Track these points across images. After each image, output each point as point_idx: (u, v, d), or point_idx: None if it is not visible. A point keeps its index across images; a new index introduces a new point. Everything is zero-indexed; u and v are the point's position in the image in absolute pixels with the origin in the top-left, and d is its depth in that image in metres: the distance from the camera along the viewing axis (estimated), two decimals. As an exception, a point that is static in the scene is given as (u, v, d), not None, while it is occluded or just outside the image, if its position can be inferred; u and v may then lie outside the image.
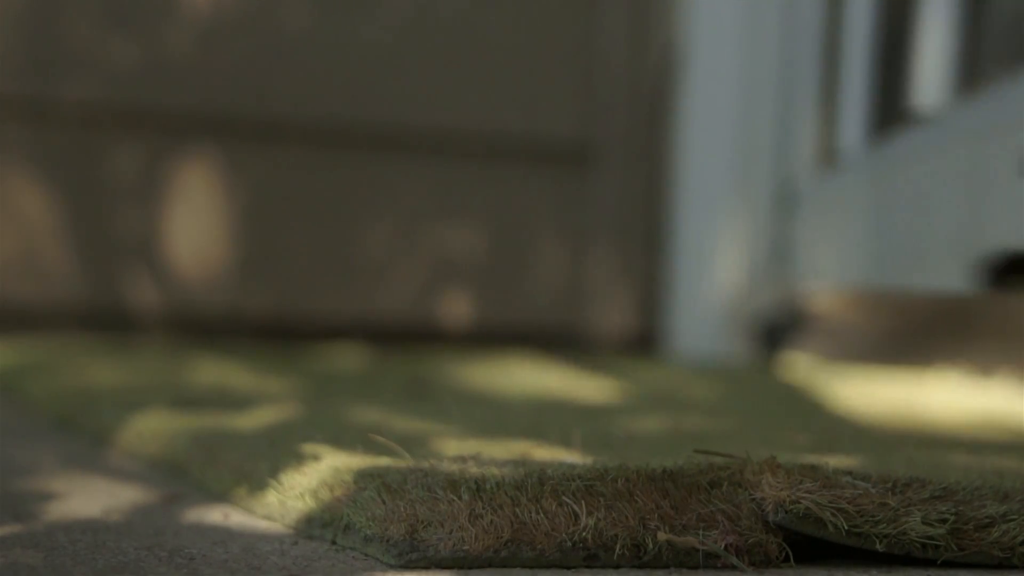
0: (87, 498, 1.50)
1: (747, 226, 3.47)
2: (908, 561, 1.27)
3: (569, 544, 1.20)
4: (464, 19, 3.71)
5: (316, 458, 1.42)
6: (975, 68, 2.92)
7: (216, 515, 1.43)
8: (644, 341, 3.80)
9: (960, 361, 2.91)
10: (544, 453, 1.51)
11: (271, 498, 1.41)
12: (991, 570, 1.25)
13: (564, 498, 1.21)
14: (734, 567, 1.21)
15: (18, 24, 3.41)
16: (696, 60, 3.62)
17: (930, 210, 2.75)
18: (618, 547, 1.20)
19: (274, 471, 1.44)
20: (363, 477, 1.30)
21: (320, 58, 3.61)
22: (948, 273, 2.68)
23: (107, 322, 3.48)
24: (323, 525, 1.31)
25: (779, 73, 3.47)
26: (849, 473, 1.27)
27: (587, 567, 1.21)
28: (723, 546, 1.21)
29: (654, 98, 3.80)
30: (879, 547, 1.23)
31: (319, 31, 3.61)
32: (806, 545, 1.25)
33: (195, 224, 3.52)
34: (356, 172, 3.64)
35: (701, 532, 1.21)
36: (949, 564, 1.25)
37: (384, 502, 1.23)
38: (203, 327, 3.54)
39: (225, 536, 1.32)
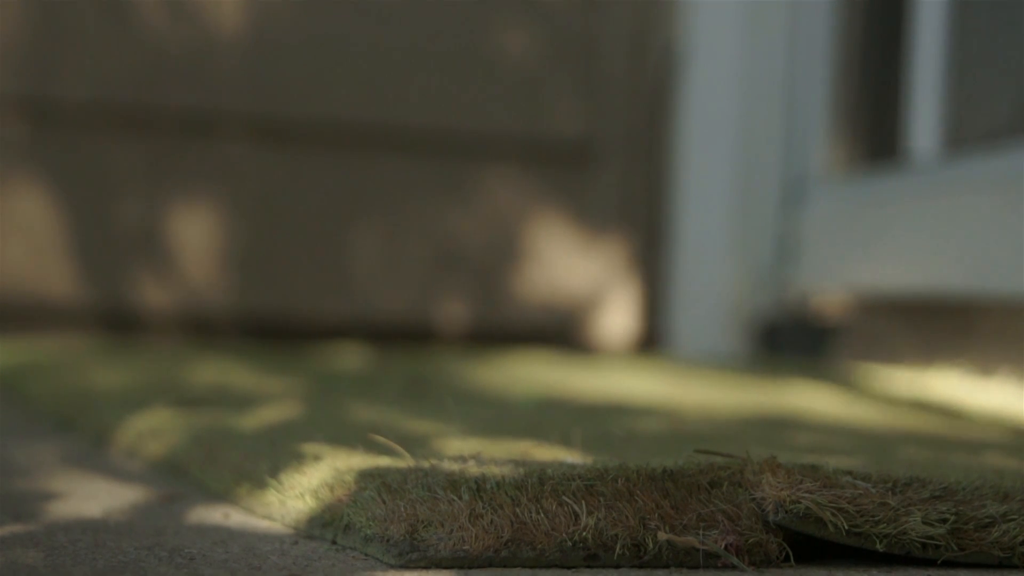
0: (87, 498, 1.50)
1: (750, 226, 3.47)
2: (908, 561, 1.27)
3: (569, 544, 1.20)
4: (465, 19, 3.71)
5: (316, 458, 1.42)
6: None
7: (216, 515, 1.43)
8: (646, 340, 3.80)
9: (960, 361, 2.91)
10: (544, 453, 1.51)
11: (271, 498, 1.41)
12: (991, 570, 1.25)
13: (564, 498, 1.21)
14: (734, 567, 1.21)
15: (19, 24, 3.41)
16: (697, 58, 3.62)
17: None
18: (618, 547, 1.20)
19: (274, 471, 1.44)
20: (363, 477, 1.30)
21: (320, 58, 3.61)
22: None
23: (107, 322, 3.49)
24: (323, 525, 1.31)
25: (785, 73, 3.47)
26: (849, 473, 1.27)
27: (587, 567, 1.21)
28: (723, 546, 1.21)
29: (655, 97, 3.80)
30: (879, 547, 1.23)
31: (319, 32, 3.61)
32: (806, 545, 1.25)
33: (195, 224, 3.52)
34: (357, 172, 3.64)
35: (701, 532, 1.21)
36: (949, 564, 1.25)
37: (384, 502, 1.23)
38: (203, 327, 3.54)
39: (225, 536, 1.32)
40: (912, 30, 3.19)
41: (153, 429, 1.84)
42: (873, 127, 3.44)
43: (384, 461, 1.38)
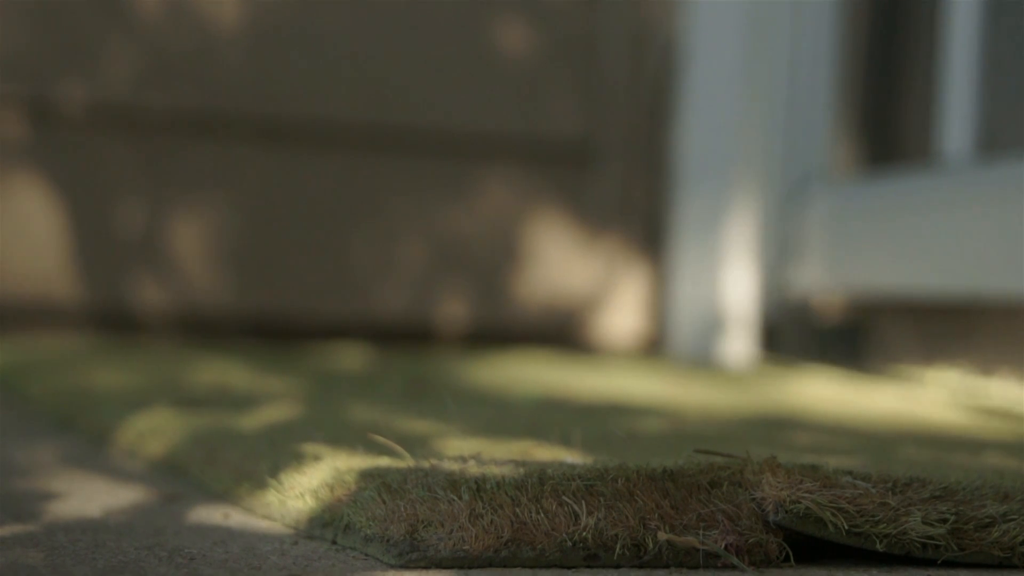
0: (87, 498, 1.50)
1: (751, 227, 3.47)
2: (908, 561, 1.27)
3: (569, 544, 1.20)
4: (465, 19, 3.71)
5: (316, 458, 1.42)
6: None
7: (216, 515, 1.43)
8: (647, 340, 3.80)
9: (961, 361, 2.91)
10: (544, 453, 1.51)
11: (271, 498, 1.41)
12: (991, 570, 1.25)
13: (564, 498, 1.21)
14: (734, 567, 1.21)
15: (19, 24, 3.41)
16: (698, 57, 3.62)
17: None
18: (618, 547, 1.20)
19: (274, 471, 1.44)
20: (363, 477, 1.30)
21: (320, 58, 3.61)
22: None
23: (107, 322, 3.49)
24: (323, 525, 1.31)
25: (788, 73, 3.46)
26: (849, 473, 1.27)
27: (587, 567, 1.21)
28: (723, 546, 1.21)
29: (655, 97, 3.80)
30: (879, 547, 1.23)
31: (319, 31, 3.61)
32: (806, 545, 1.25)
33: (195, 224, 3.52)
34: (356, 172, 3.64)
35: (701, 532, 1.21)
36: (949, 564, 1.25)
37: (384, 502, 1.23)
38: (203, 327, 3.54)
39: (225, 536, 1.32)
40: (912, 30, 3.19)
41: (153, 429, 1.84)
42: (877, 128, 3.44)
43: (384, 461, 1.38)
